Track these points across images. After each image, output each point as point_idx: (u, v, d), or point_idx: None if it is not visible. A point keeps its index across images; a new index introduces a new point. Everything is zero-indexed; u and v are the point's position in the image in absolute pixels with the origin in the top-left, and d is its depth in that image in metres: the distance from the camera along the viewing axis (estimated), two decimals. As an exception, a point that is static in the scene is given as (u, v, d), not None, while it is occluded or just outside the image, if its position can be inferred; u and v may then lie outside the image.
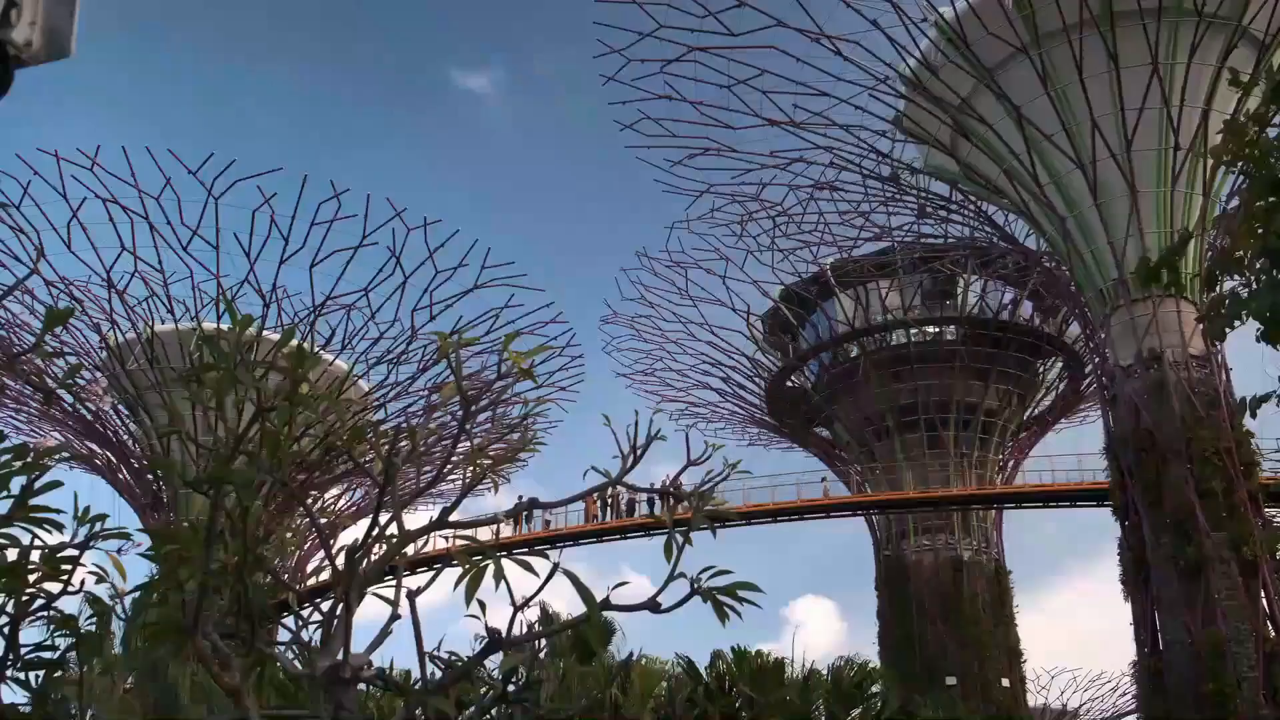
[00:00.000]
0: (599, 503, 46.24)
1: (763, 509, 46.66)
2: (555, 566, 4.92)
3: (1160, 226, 35.95)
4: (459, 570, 5.95)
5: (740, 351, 61.04)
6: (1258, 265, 5.26)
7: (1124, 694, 77.66)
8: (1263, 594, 32.20)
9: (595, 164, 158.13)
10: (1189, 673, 31.38)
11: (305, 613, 6.03)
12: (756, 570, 4.78)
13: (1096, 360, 42.34)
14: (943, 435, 58.05)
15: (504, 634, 5.17)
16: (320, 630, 5.45)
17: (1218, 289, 37.02)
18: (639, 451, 5.68)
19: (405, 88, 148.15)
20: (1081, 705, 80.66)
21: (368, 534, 5.20)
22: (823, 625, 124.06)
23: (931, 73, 39.21)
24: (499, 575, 4.69)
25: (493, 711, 5.23)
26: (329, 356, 45.91)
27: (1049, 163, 38.00)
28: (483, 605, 4.98)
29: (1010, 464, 61.28)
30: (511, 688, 5.46)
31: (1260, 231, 5.41)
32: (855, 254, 56.24)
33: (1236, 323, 5.33)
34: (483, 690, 5.25)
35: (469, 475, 5.58)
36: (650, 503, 45.58)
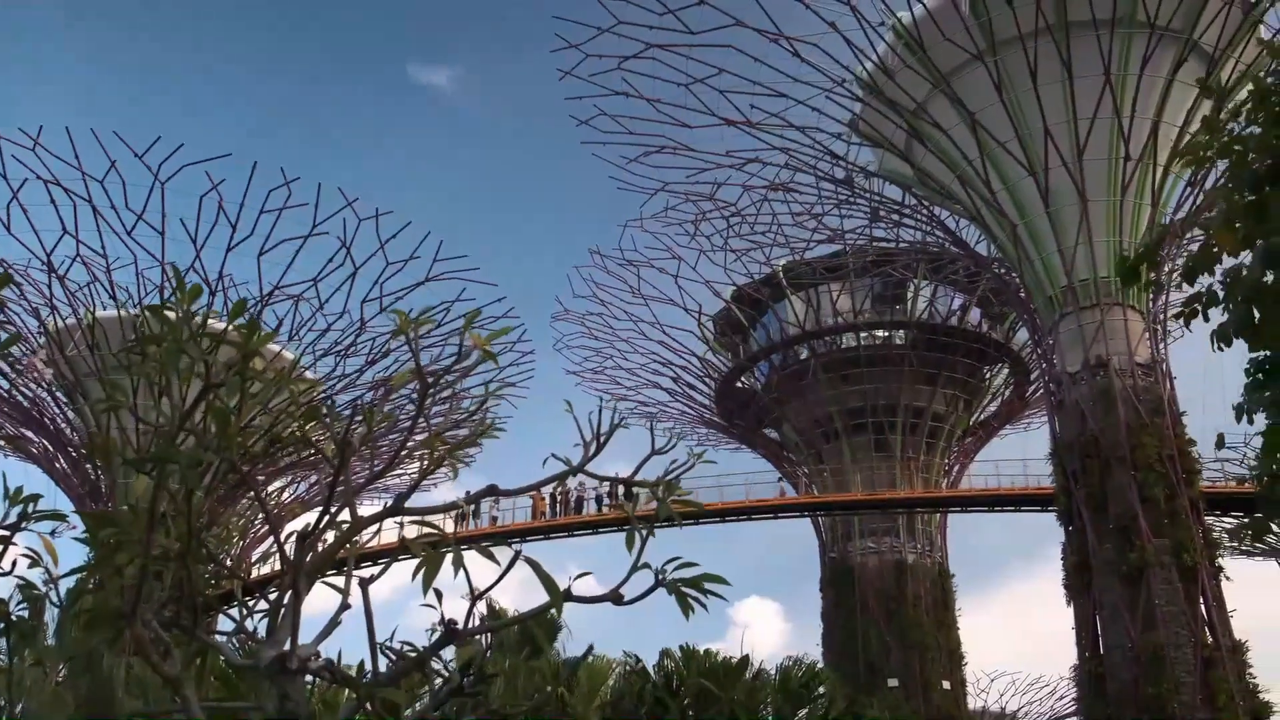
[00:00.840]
0: (547, 500, 45.92)
1: (711, 509, 46.63)
2: (517, 554, 4.73)
3: (1110, 235, 36.36)
4: (408, 561, 5.72)
5: (691, 351, 61.05)
6: (1239, 257, 5.21)
7: (1061, 697, 78.62)
8: (1201, 600, 32.70)
9: (551, 161, 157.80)
10: (1129, 677, 31.76)
11: (250, 603, 5.79)
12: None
13: (1043, 367, 42.78)
14: (890, 438, 58.44)
15: (456, 626, 4.98)
16: (266, 620, 5.23)
17: (1157, 296, 37.69)
18: (603, 439, 5.52)
19: (363, 81, 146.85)
20: (1020, 709, 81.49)
21: (319, 519, 4.98)
22: (767, 626, 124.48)
23: (888, 76, 39.37)
24: (458, 563, 4.50)
25: (443, 706, 5.03)
26: (275, 346, 45.21)
27: (1002, 169, 38.31)
28: (439, 594, 4.79)
29: (955, 468, 61.81)
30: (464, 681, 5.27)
31: (1238, 227, 5.34)
32: (807, 256, 56.39)
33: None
34: (437, 683, 5.04)
35: (426, 460, 5.39)
36: (598, 500, 45.40)
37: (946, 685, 54.70)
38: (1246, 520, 41.01)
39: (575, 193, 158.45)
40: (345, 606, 5.33)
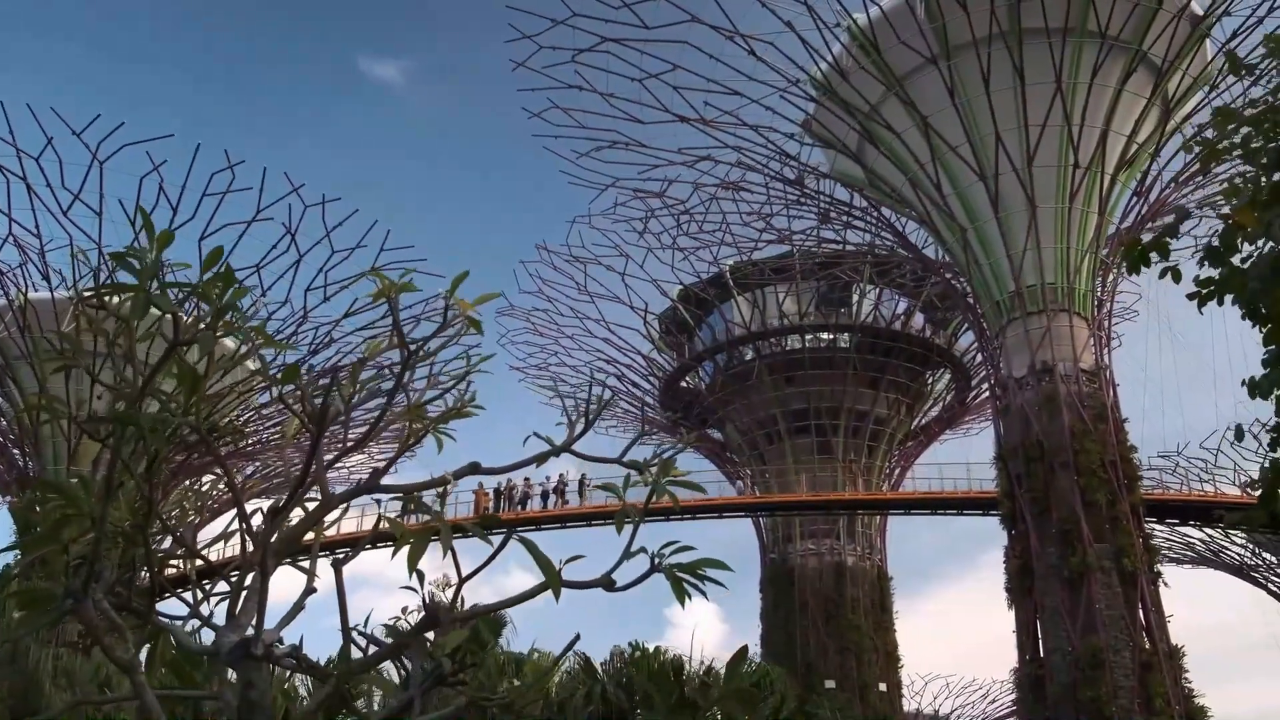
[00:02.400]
0: (491, 495, 45.24)
1: (655, 507, 46.10)
2: (509, 534, 4.41)
3: (1058, 242, 36.70)
4: (370, 547, 5.35)
5: (636, 350, 60.73)
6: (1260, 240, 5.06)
7: (994, 701, 79.59)
8: (1140, 605, 33.07)
9: (502, 155, 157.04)
10: (1069, 680, 32.01)
11: (208, 585, 5.39)
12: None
13: (988, 371, 43.04)
14: (832, 441, 58.54)
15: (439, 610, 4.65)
16: (226, 603, 4.86)
17: (1101, 304, 38.04)
18: (592, 417, 5.23)
19: (311, 72, 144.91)
20: (953, 711, 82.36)
21: (291, 493, 4.62)
22: (705, 627, 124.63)
23: (842, 77, 39.36)
24: (447, 544, 4.17)
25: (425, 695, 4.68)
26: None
27: (953, 174, 38.49)
28: (421, 576, 4.45)
29: (897, 471, 62.16)
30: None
31: (1259, 215, 5.18)
32: (755, 257, 56.33)
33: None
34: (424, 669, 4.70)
35: (406, 432, 5.05)
36: (544, 496, 44.94)
37: (883, 687, 54.97)
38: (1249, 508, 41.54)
39: (525, 187, 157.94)
40: (311, 590, 4.98)
